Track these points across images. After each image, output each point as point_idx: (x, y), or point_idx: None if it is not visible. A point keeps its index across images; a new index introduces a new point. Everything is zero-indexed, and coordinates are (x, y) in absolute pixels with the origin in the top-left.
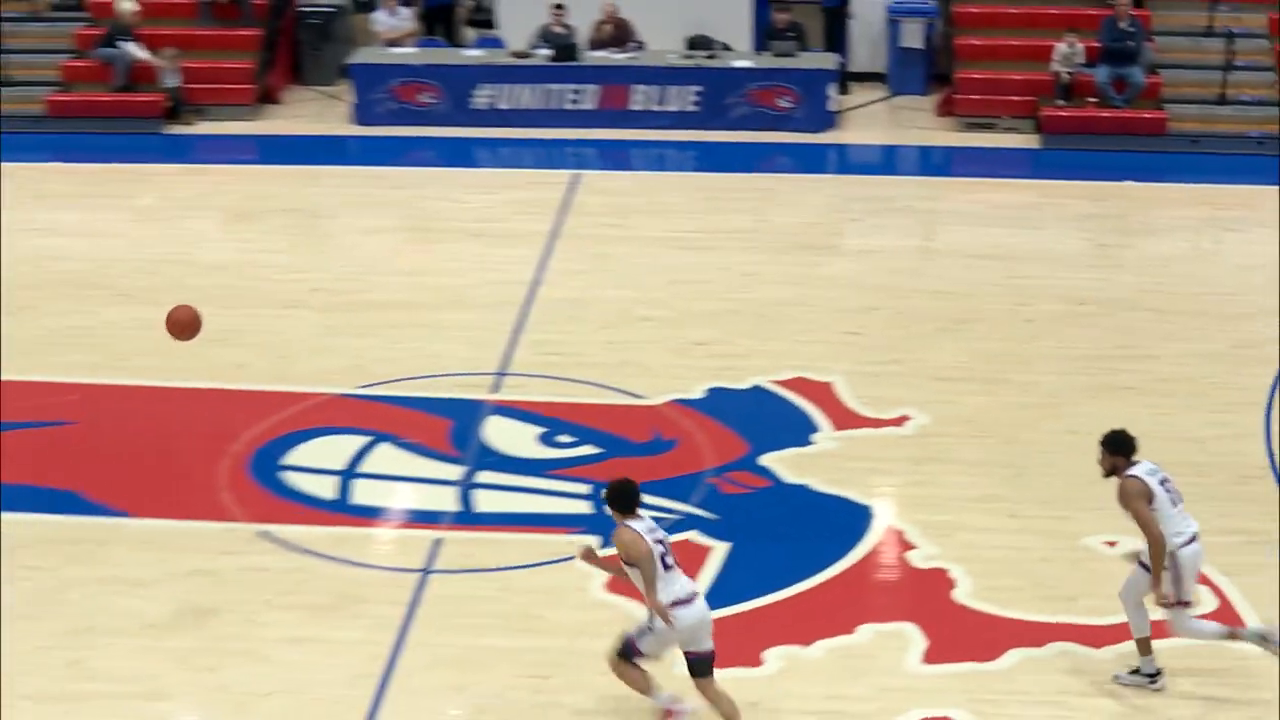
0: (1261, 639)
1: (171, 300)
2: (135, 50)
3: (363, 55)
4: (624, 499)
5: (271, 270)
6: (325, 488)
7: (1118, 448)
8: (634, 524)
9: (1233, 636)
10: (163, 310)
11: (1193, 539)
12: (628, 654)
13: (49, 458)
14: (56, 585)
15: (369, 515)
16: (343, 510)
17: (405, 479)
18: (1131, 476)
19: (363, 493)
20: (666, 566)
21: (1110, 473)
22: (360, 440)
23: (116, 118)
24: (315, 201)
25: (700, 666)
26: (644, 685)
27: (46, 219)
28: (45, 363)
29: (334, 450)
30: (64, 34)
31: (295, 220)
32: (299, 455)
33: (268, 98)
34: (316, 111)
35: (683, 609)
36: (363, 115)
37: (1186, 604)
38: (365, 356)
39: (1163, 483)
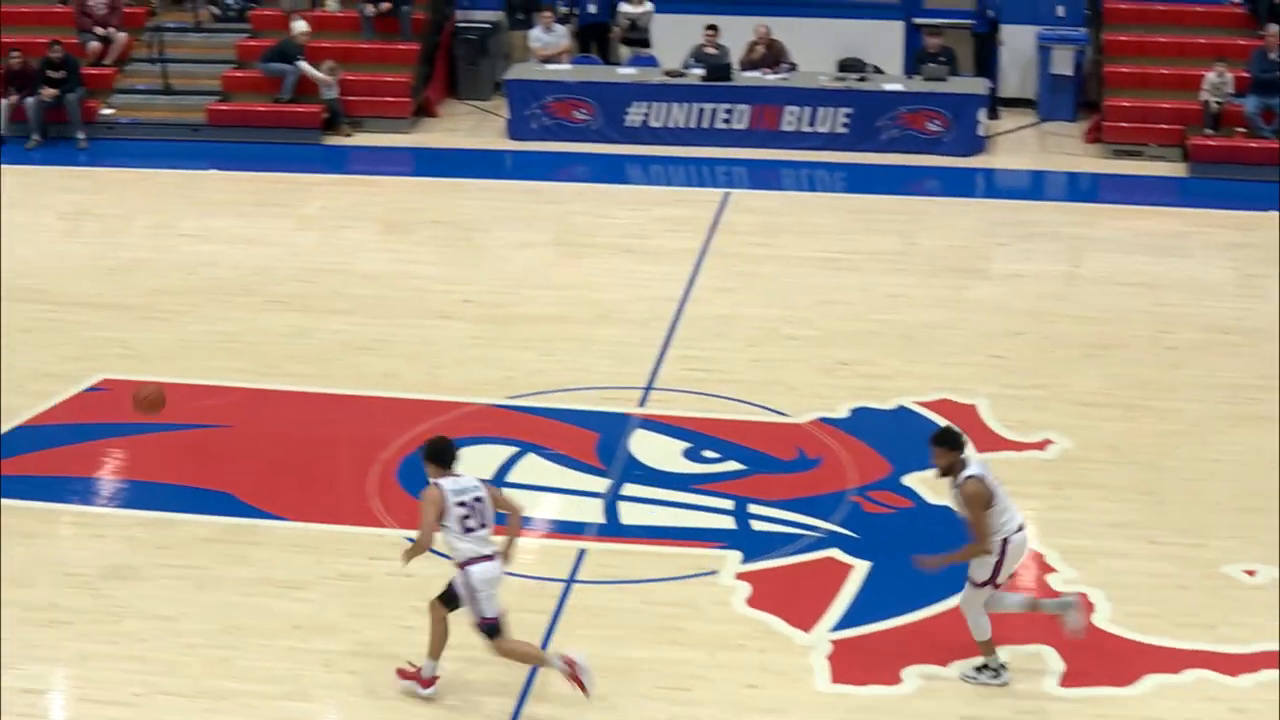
0: (1061, 608)
1: (327, 309)
2: (305, 67)
3: (518, 71)
4: (440, 455)
5: (424, 281)
6: None
7: (957, 445)
8: (443, 482)
9: (1034, 607)
10: (317, 318)
11: (1021, 528)
12: (493, 632)
13: (203, 459)
14: (207, 584)
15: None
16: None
17: (551, 490)
18: (972, 477)
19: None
20: (467, 530)
21: (946, 471)
22: (508, 450)
23: (275, 128)
24: (468, 214)
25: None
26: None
27: (204, 226)
28: (201, 366)
29: (482, 459)
30: (225, 45)
31: (448, 232)
32: None
33: (424, 111)
34: (471, 125)
35: (478, 565)
36: (517, 130)
37: (998, 585)
38: (514, 368)
39: (995, 480)
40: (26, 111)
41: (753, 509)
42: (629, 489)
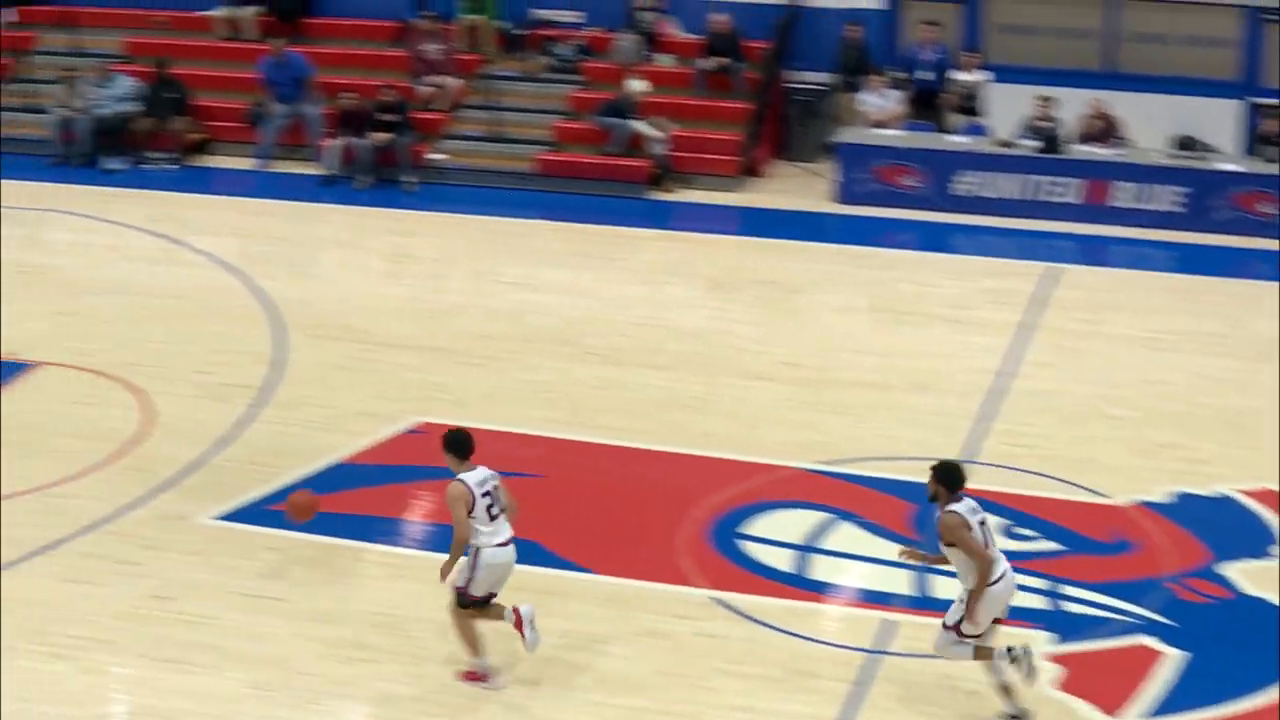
0: (1011, 658)
1: (644, 364)
2: (638, 126)
3: (848, 134)
4: (460, 447)
5: (743, 341)
6: (783, 560)
7: (941, 478)
8: (465, 475)
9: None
10: (634, 372)
11: (1002, 576)
12: (464, 604)
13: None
14: (512, 633)
15: (824, 591)
16: (798, 584)
17: (863, 559)
18: (951, 512)
19: (820, 568)
20: (492, 517)
21: (933, 498)
22: (821, 516)
23: (602, 180)
24: (791, 275)
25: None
26: (474, 639)
27: (529, 274)
28: (516, 415)
29: (794, 524)
30: (558, 95)
31: (769, 293)
32: (759, 526)
33: (751, 170)
34: (798, 187)
35: (500, 551)
36: (844, 194)
37: (963, 634)
38: (830, 433)
39: (981, 523)
40: (357, 153)
41: (1066, 590)
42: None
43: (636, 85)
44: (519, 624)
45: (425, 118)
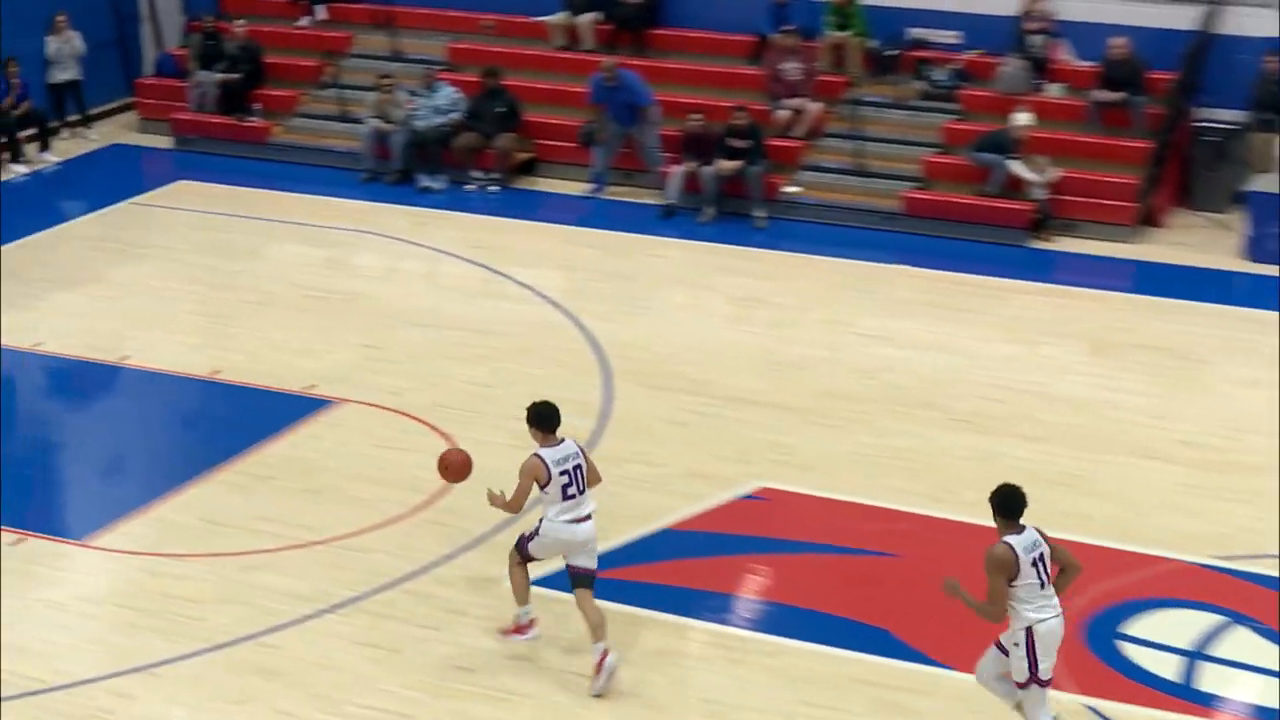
0: None
1: (1015, 433)
2: (1015, 167)
3: (1263, 182)
4: (542, 420)
5: (1130, 413)
6: (1168, 667)
7: (995, 504)
8: (545, 452)
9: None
10: (1003, 442)
11: (1052, 618)
12: (522, 552)
13: (862, 589)
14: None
15: (1213, 704)
16: (1184, 695)
17: (1261, 670)
18: (1004, 543)
19: (1210, 678)
20: (567, 496)
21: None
22: (1214, 618)
23: (976, 224)
24: (1188, 341)
25: (579, 580)
26: (522, 590)
27: (885, 326)
28: (868, 484)
29: (1183, 625)
30: (930, 126)
31: (1163, 360)
32: (1142, 626)
33: (1148, 220)
34: (1202, 240)
35: (565, 526)
36: (1255, 250)
37: (1043, 680)
38: (1229, 524)
39: (1040, 558)
40: (702, 181)
41: None
42: None
43: (1022, 118)
44: (600, 665)
45: (780, 145)
